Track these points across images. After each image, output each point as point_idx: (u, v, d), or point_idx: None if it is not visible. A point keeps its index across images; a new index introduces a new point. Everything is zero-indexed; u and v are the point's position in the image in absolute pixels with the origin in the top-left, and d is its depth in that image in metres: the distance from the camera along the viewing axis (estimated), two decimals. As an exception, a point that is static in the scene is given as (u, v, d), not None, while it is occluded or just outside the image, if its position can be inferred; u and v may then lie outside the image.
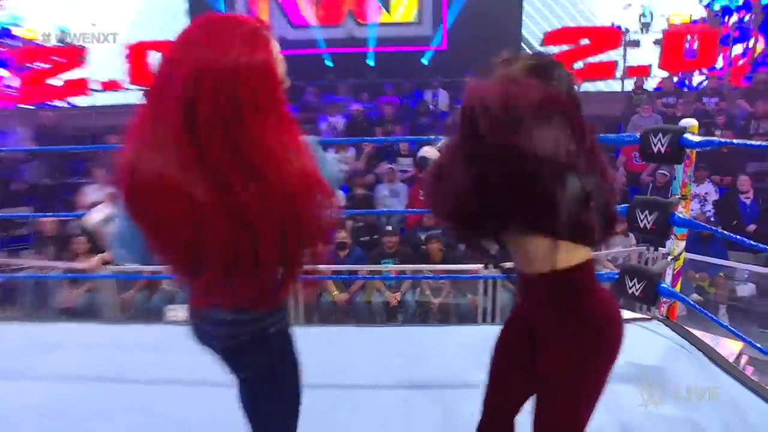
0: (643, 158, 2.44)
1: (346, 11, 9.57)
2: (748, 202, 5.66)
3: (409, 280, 4.57)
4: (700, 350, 2.38)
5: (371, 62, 9.66)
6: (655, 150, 2.32)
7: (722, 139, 2.94)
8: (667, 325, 2.64)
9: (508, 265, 1.20)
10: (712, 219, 5.52)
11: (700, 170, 5.97)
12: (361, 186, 6.17)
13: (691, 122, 2.47)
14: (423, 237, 5.15)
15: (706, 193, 5.91)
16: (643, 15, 9.21)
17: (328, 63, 9.65)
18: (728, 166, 6.15)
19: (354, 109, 7.75)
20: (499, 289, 4.27)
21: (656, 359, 2.34)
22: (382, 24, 9.54)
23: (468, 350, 2.50)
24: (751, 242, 2.24)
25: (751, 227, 5.46)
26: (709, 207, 5.82)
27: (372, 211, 5.88)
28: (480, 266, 4.05)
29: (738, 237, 2.36)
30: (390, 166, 6.46)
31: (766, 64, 8.97)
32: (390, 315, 4.46)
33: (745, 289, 4.92)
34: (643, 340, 2.49)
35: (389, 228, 5.00)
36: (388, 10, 9.54)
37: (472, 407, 1.34)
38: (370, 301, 4.36)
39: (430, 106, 8.29)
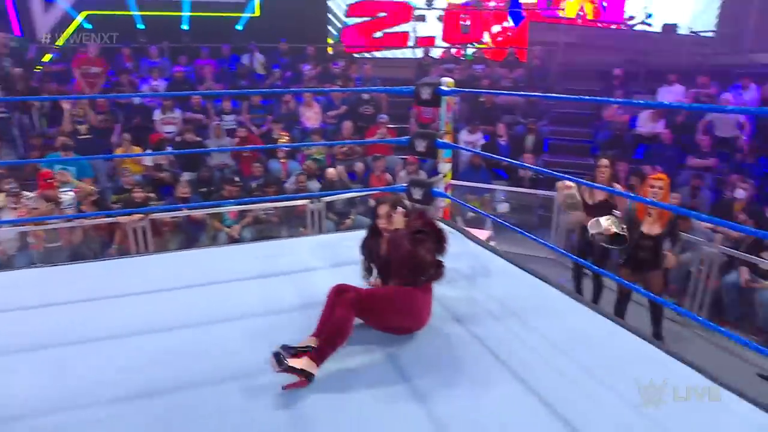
0: (418, 104, 3.51)
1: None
2: (503, 143, 7.56)
3: (248, 219, 5.21)
4: (463, 234, 3.62)
5: (186, 26, 9.47)
6: (423, 98, 3.41)
7: (464, 89, 4.23)
8: (444, 222, 3.84)
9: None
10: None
11: (474, 124, 7.71)
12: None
13: (447, 80, 3.62)
14: (254, 185, 5.86)
15: (477, 139, 7.65)
16: (427, -7, 10.80)
17: (140, 25, 9.19)
18: (491, 119, 8.02)
19: (175, 72, 7.72)
20: (324, 221, 5.20)
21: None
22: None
23: (311, 249, 3.37)
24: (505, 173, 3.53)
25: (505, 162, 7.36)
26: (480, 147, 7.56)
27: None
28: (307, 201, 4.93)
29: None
30: (217, 122, 6.81)
31: (513, 42, 11.41)
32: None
33: (503, 207, 6.73)
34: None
35: (226, 176, 5.53)
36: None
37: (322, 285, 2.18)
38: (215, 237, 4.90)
39: (249, 69, 8.65)
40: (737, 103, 6.66)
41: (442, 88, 3.39)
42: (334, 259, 3.17)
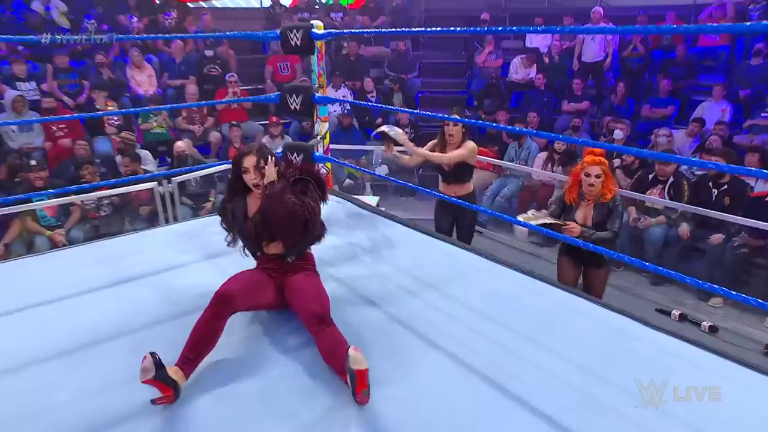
0: (285, 51, 3.19)
1: None
2: (373, 100, 7.47)
3: (76, 215, 4.45)
4: (353, 203, 3.44)
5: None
6: (293, 44, 3.09)
7: (342, 30, 3.98)
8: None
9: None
10: (347, 114, 7.11)
11: (336, 77, 7.48)
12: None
13: (317, 23, 3.34)
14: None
15: (344, 95, 7.46)
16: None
17: None
18: (357, 73, 7.86)
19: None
20: (178, 207, 4.65)
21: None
22: None
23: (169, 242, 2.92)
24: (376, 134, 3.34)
25: (378, 120, 7.31)
26: (348, 107, 7.38)
27: None
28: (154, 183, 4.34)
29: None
30: (18, 93, 5.69)
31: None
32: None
33: (382, 170, 6.67)
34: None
35: (34, 162, 4.61)
36: None
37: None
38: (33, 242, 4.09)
39: (45, 20, 7.34)
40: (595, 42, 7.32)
41: (315, 31, 3.10)
42: (202, 250, 2.78)
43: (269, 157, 2.11)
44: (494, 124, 5.98)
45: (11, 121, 5.30)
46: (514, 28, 5.93)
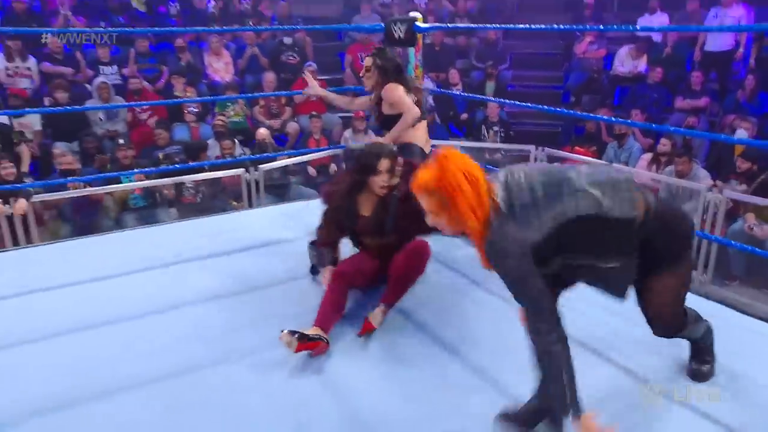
0: (390, 44, 3.80)
1: None
2: (458, 93, 8.01)
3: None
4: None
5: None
6: (396, 37, 3.70)
7: (449, 25, 4.54)
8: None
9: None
10: (432, 110, 7.67)
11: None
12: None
13: (417, 15, 3.94)
14: (161, 155, 5.90)
15: (426, 88, 8.03)
16: None
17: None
18: (442, 64, 8.42)
19: (15, 2, 7.28)
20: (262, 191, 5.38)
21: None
22: None
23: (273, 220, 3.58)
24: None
25: (464, 116, 7.84)
26: (430, 99, 7.95)
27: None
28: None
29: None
30: (102, 80, 6.67)
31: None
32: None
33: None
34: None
35: (122, 141, 5.52)
36: None
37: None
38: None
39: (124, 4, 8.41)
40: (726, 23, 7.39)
41: (419, 24, 3.69)
42: (306, 228, 3.42)
43: (398, 159, 2.59)
44: (576, 113, 6.32)
45: (98, 106, 6.25)
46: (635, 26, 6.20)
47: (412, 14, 3.94)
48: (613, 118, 6.07)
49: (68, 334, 2.42)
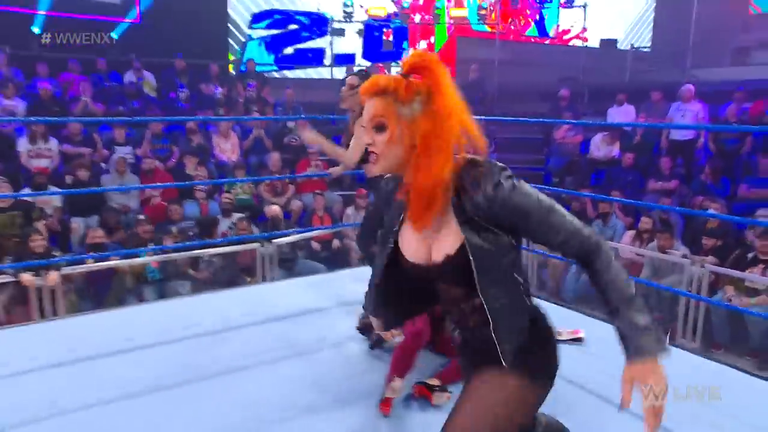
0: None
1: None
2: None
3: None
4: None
5: (37, 29, 9.33)
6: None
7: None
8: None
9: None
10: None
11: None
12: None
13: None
14: (174, 229, 6.07)
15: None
16: (345, 5, 11.72)
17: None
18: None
19: (41, 89, 7.63)
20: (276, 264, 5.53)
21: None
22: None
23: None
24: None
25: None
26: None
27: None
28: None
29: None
30: (121, 155, 6.90)
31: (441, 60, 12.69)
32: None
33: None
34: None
35: (142, 217, 5.69)
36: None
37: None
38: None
39: (147, 90, 8.79)
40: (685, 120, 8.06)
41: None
42: (338, 298, 3.58)
43: None
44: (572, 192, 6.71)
45: (118, 187, 6.46)
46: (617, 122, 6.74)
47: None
48: (621, 198, 6.46)
49: (119, 401, 2.50)
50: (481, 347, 1.41)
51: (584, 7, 12.78)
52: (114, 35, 9.89)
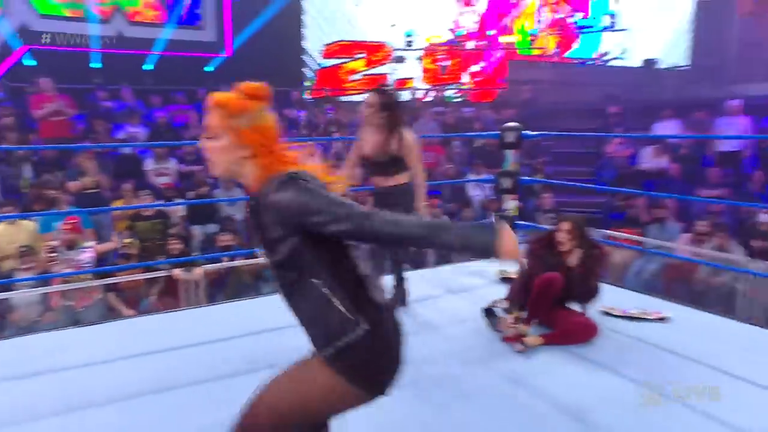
0: (500, 147, 4.62)
1: (115, 7, 9.97)
2: (512, 186, 8.85)
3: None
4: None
5: (150, 66, 10.26)
6: (507, 141, 4.52)
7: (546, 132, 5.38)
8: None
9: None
10: (494, 199, 8.46)
11: (477, 164, 8.97)
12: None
13: (515, 125, 4.78)
14: None
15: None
16: (407, 34, 12.34)
17: (96, 64, 9.86)
18: (495, 160, 9.30)
19: (159, 118, 8.45)
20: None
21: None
22: (159, 25, 10.27)
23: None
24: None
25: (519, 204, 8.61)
26: (488, 192, 8.76)
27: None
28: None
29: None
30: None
31: (493, 82, 13.17)
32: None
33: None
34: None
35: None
36: (168, 13, 10.32)
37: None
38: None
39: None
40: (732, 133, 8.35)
41: (526, 132, 4.53)
42: (449, 287, 4.10)
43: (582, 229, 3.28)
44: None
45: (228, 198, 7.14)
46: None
47: (510, 125, 4.80)
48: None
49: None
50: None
51: (625, 30, 13.10)
52: (208, 68, 10.76)
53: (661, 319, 3.53)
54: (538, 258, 3.32)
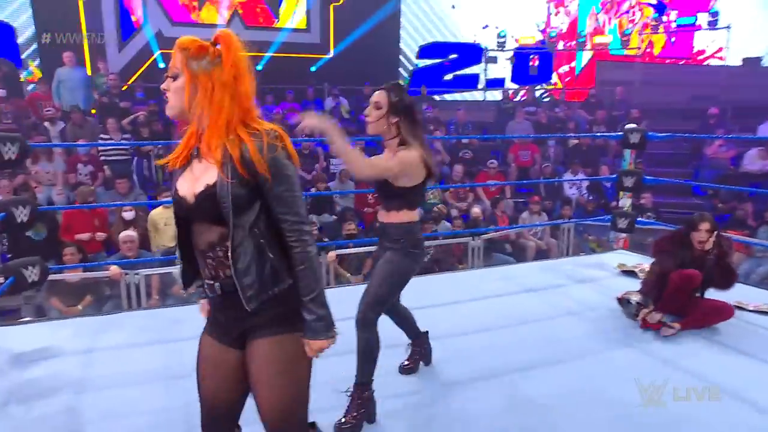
0: (624, 147, 4.75)
1: (233, 12, 10.69)
2: (609, 185, 8.83)
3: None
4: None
5: (259, 67, 10.92)
6: (631, 142, 4.64)
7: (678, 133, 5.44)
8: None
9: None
10: (590, 198, 8.51)
11: (574, 164, 9.01)
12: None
13: (632, 126, 4.88)
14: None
15: (580, 180, 8.93)
16: (499, 35, 12.46)
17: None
18: (591, 160, 9.33)
19: (273, 115, 9.02)
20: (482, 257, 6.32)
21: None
22: (272, 29, 10.91)
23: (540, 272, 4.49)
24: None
25: (613, 204, 8.60)
26: (584, 191, 8.81)
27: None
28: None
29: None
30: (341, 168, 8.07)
31: (582, 82, 13.05)
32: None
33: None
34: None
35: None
36: (277, 17, 10.96)
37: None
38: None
39: (343, 113, 10.03)
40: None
41: (650, 133, 4.64)
42: (574, 277, 4.30)
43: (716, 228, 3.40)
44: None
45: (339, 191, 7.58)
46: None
47: (629, 126, 4.90)
48: None
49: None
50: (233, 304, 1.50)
51: (728, 28, 12.62)
52: (312, 68, 11.31)
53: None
54: (670, 255, 3.46)
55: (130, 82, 10.01)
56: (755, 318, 3.58)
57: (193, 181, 1.50)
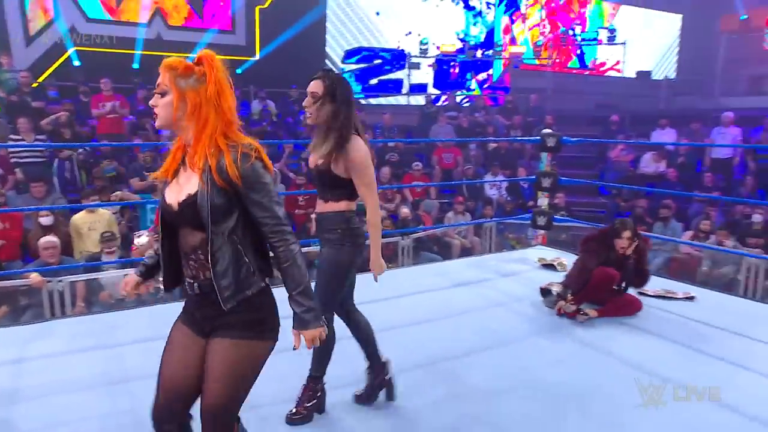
0: (541, 150, 5.09)
1: (154, 11, 10.31)
2: (526, 186, 9.35)
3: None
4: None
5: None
6: (548, 145, 4.99)
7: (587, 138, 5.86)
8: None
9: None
10: (508, 198, 8.96)
11: (494, 167, 9.45)
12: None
13: (548, 131, 5.25)
14: None
15: (501, 181, 9.38)
16: (421, 42, 12.82)
17: (135, 65, 10.18)
18: (510, 162, 9.82)
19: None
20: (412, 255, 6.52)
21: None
22: (196, 30, 10.63)
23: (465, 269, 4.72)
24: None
25: (531, 203, 9.12)
26: (503, 191, 9.27)
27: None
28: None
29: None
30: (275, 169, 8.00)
31: (498, 89, 13.68)
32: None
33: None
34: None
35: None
36: (201, 16, 10.69)
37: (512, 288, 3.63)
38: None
39: (269, 115, 9.95)
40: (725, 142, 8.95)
41: (565, 137, 5.01)
42: (500, 272, 4.57)
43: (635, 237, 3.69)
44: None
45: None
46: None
47: (545, 131, 5.27)
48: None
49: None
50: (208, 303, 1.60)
51: (624, 44, 13.69)
52: (238, 71, 11.11)
53: (689, 298, 4.05)
54: (594, 253, 3.76)
55: (40, 80, 9.41)
56: (655, 302, 3.99)
57: (178, 191, 1.61)
